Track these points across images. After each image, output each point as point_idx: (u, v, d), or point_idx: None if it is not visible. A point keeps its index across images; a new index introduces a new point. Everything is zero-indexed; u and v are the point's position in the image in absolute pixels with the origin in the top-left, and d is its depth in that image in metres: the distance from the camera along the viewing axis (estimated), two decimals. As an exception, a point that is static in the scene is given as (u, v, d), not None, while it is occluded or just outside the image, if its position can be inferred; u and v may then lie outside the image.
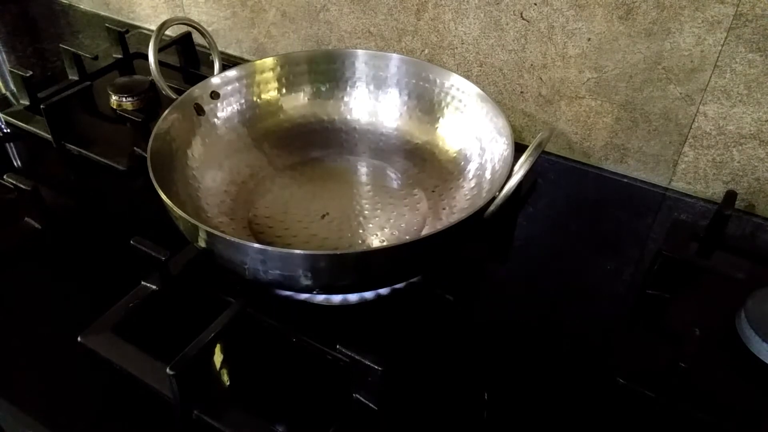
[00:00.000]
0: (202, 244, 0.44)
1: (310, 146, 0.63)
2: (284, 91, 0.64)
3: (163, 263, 0.48)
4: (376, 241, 0.53)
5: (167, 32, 0.64)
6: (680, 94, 0.58)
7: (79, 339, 0.44)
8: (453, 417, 0.42)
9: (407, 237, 0.53)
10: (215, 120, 0.60)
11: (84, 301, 0.50)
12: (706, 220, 0.57)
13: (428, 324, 0.49)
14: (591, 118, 0.64)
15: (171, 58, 0.80)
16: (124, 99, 0.72)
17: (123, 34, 0.81)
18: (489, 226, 0.46)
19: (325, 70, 0.64)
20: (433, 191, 0.57)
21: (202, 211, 0.53)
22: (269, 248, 0.41)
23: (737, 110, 0.56)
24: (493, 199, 0.45)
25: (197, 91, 0.58)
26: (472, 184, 0.56)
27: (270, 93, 0.64)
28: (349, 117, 0.65)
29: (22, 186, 0.55)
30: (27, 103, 0.72)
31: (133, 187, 0.62)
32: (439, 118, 0.61)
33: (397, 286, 0.49)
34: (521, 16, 0.62)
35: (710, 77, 0.56)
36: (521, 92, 0.67)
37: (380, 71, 0.63)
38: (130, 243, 0.49)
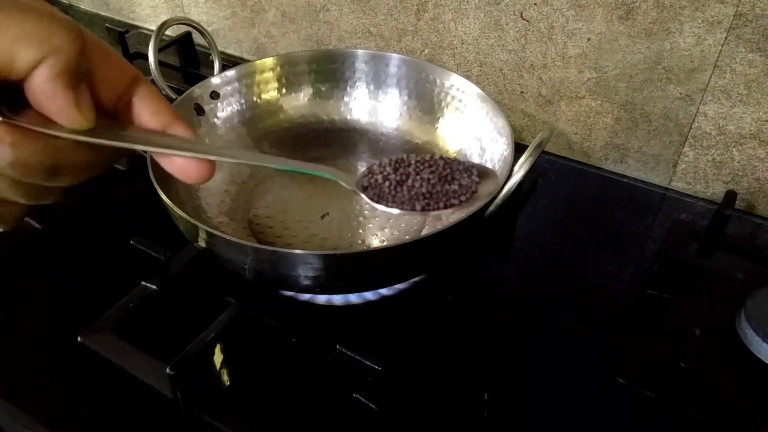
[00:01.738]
0: (202, 244, 0.44)
1: (310, 146, 0.63)
2: (284, 91, 0.64)
3: (163, 263, 0.48)
4: (376, 241, 0.53)
5: (167, 32, 0.64)
6: (680, 94, 0.58)
7: (79, 339, 0.44)
8: (453, 417, 0.42)
9: (407, 237, 0.53)
10: (215, 120, 0.60)
11: (84, 301, 0.50)
12: (706, 220, 0.57)
13: (428, 324, 0.49)
14: (591, 118, 0.64)
15: (171, 58, 0.80)
16: (124, 99, 0.72)
17: (123, 34, 0.81)
18: (489, 226, 0.46)
19: (325, 70, 0.64)
20: (433, 191, 0.57)
21: (202, 211, 0.53)
22: (269, 248, 0.41)
23: (737, 110, 0.56)
24: (493, 199, 0.45)
25: (197, 91, 0.58)
26: (472, 184, 0.56)
27: (270, 93, 0.64)
28: (349, 117, 0.65)
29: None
30: (27, 103, 0.72)
31: (133, 187, 0.62)
32: (439, 118, 0.61)
33: (398, 286, 0.49)
34: (521, 16, 0.62)
35: (710, 77, 0.56)
36: (521, 92, 0.67)
37: (380, 71, 0.63)
38: (130, 243, 0.49)
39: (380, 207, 0.35)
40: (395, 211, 0.35)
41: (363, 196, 0.35)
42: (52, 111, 0.24)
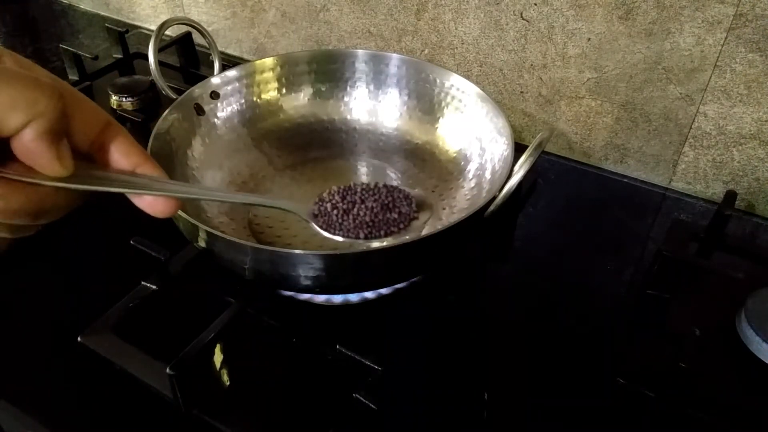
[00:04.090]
0: (202, 244, 0.44)
1: (310, 146, 0.63)
2: (284, 91, 0.64)
3: (163, 263, 0.48)
4: (376, 241, 0.53)
5: (167, 32, 0.64)
6: (680, 94, 0.58)
7: (79, 339, 0.44)
8: (453, 417, 0.42)
9: (407, 237, 0.53)
10: (215, 120, 0.60)
11: (84, 301, 0.50)
12: (706, 220, 0.57)
13: (428, 324, 0.49)
14: (591, 118, 0.64)
15: (171, 58, 0.80)
16: (124, 99, 0.72)
17: (123, 34, 0.81)
18: (489, 226, 0.46)
19: (325, 70, 0.64)
20: (433, 191, 0.57)
21: (202, 211, 0.53)
22: (269, 248, 0.41)
23: (737, 110, 0.56)
24: (493, 199, 0.45)
25: (197, 91, 0.58)
26: (472, 184, 0.56)
27: (270, 93, 0.64)
28: (349, 117, 0.65)
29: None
30: (27, 103, 0.72)
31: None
32: (439, 118, 0.61)
33: (398, 286, 0.49)
34: (521, 16, 0.62)
35: (710, 77, 0.56)
36: (521, 92, 0.67)
37: (380, 71, 0.63)
38: (130, 243, 0.49)
39: (327, 235, 0.39)
40: (340, 239, 0.39)
41: (314, 224, 0.40)
42: (36, 164, 0.27)
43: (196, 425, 0.41)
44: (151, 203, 0.32)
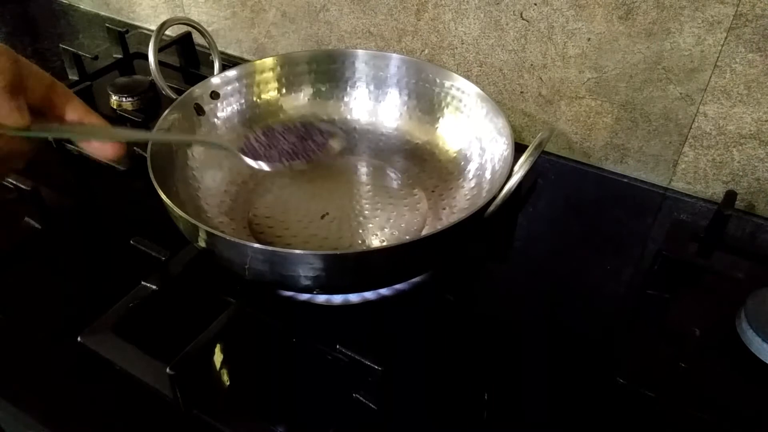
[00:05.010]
0: (202, 244, 0.44)
1: (310, 146, 0.63)
2: (284, 91, 0.64)
3: (163, 263, 0.48)
4: (376, 241, 0.53)
5: (167, 32, 0.64)
6: (680, 94, 0.58)
7: (79, 339, 0.44)
8: (453, 417, 0.42)
9: (407, 237, 0.53)
10: (215, 120, 0.60)
11: (84, 301, 0.50)
12: (706, 220, 0.57)
13: (428, 324, 0.49)
14: (591, 118, 0.64)
15: (171, 58, 0.80)
16: (124, 99, 0.72)
17: (123, 34, 0.81)
18: (489, 226, 0.46)
19: (325, 70, 0.64)
20: (433, 191, 0.57)
21: (202, 211, 0.53)
22: (269, 248, 0.41)
23: (737, 110, 0.56)
24: (493, 199, 0.45)
25: (197, 91, 0.58)
26: (472, 184, 0.56)
27: (270, 93, 0.64)
28: (349, 117, 0.65)
29: (22, 186, 0.55)
30: (27, 103, 0.72)
31: (133, 187, 0.62)
32: (439, 118, 0.61)
33: (398, 286, 0.49)
34: (521, 16, 0.62)
35: (710, 77, 0.56)
36: (521, 92, 0.67)
37: (380, 71, 0.63)
38: (130, 243, 0.49)
39: (254, 165, 0.47)
40: (266, 167, 0.47)
41: (243, 156, 0.47)
42: (0, 115, 0.32)
43: (196, 425, 0.41)
44: (99, 147, 0.37)
